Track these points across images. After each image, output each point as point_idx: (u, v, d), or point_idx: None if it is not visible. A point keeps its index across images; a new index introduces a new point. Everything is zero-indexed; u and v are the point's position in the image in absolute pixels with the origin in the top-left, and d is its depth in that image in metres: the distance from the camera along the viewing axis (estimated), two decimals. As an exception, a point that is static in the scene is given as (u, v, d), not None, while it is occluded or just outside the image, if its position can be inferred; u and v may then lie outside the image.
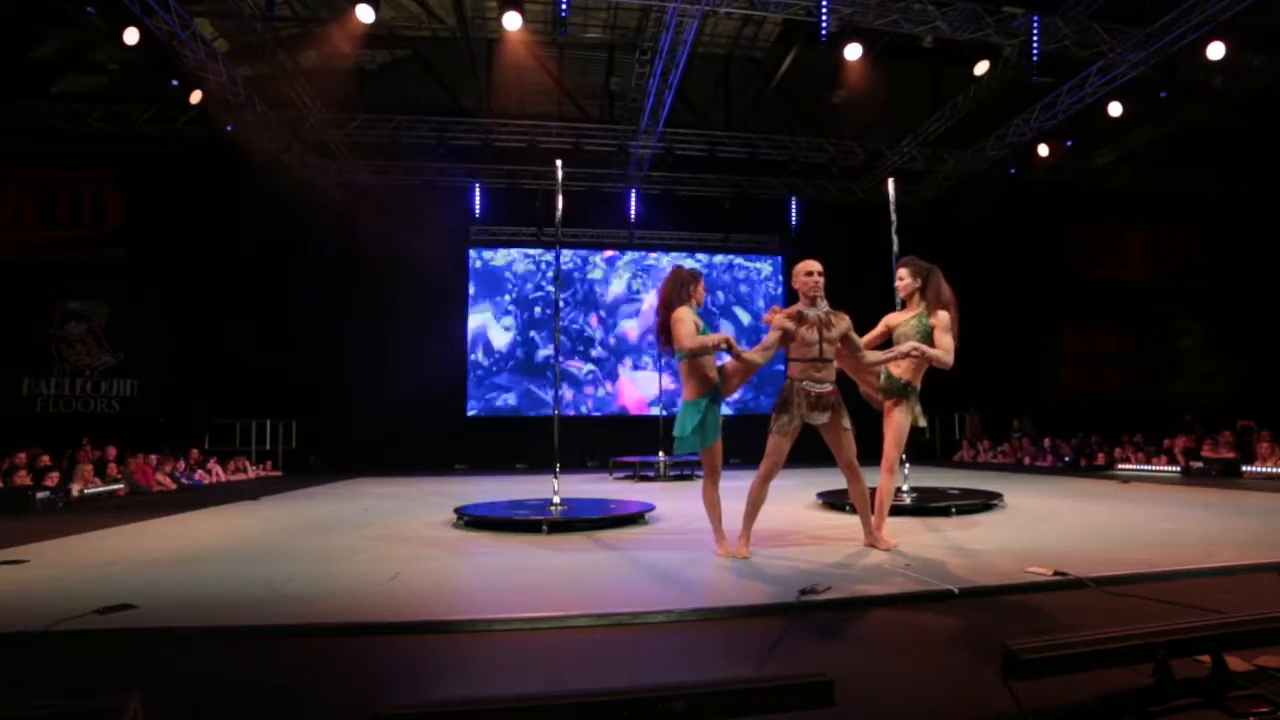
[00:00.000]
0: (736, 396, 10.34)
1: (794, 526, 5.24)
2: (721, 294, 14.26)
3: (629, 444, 11.68)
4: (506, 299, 13.71)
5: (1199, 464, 9.03)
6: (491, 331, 13.61)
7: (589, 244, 13.96)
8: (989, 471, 10.56)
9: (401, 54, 11.56)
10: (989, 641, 2.16)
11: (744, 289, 14.44)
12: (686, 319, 4.01)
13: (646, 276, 14.07)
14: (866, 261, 9.63)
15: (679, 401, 4.24)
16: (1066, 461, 10.97)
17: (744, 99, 12.50)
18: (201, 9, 9.26)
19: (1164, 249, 14.38)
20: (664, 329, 4.13)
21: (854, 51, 8.84)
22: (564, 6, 8.42)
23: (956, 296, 4.38)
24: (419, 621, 2.92)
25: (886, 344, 4.51)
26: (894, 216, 6.75)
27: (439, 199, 12.85)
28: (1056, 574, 3.45)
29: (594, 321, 13.93)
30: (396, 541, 4.91)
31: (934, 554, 4.11)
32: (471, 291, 13.62)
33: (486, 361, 13.52)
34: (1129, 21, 9.07)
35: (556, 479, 5.97)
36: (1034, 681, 1.84)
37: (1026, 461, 11.70)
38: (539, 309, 13.67)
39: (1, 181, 11.63)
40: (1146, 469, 9.62)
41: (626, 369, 13.94)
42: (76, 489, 7.85)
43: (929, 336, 4.26)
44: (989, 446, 12.96)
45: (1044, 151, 11.23)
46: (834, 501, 6.11)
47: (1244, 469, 8.55)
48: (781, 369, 4.32)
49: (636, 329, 13.92)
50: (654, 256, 14.20)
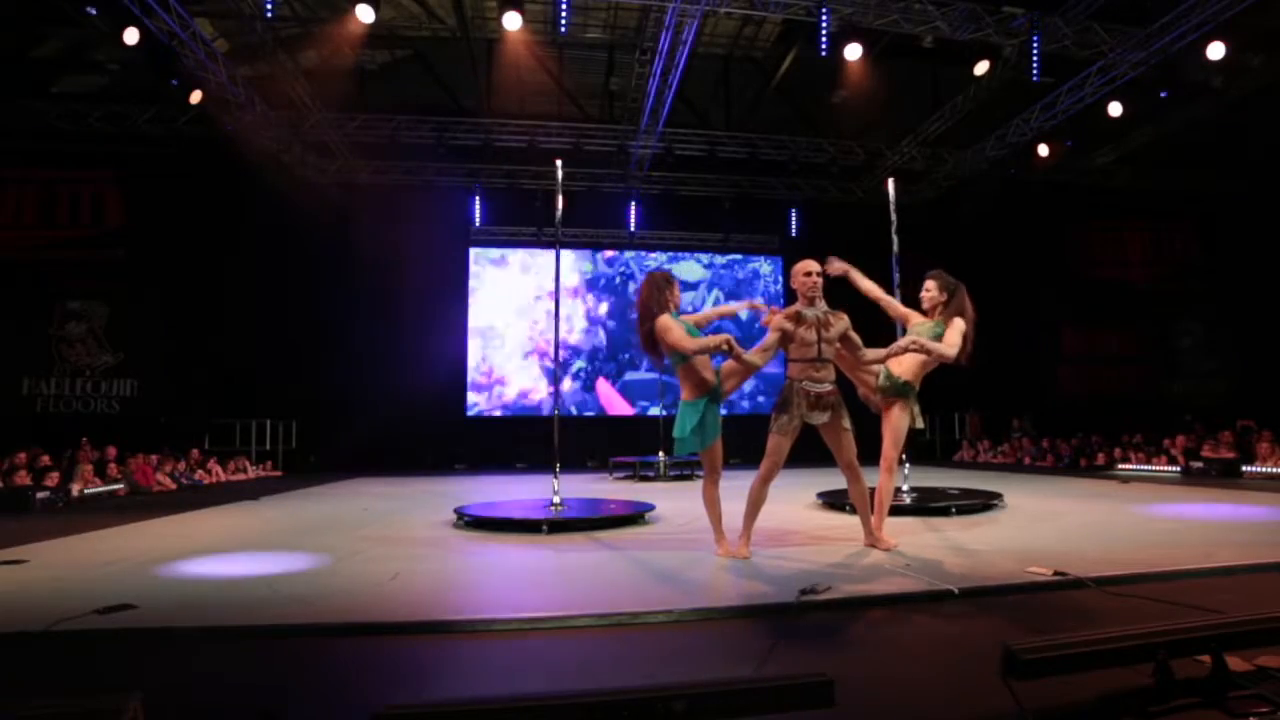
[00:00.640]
0: (736, 397, 10.32)
1: (794, 526, 5.23)
2: (721, 294, 14.25)
3: (629, 444, 11.68)
4: (506, 299, 13.70)
5: (1199, 464, 9.03)
6: (492, 331, 13.61)
7: (589, 244, 13.96)
8: (989, 471, 10.55)
9: (401, 54, 11.56)
10: (989, 641, 2.16)
11: (744, 289, 14.43)
12: (673, 326, 4.02)
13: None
14: (866, 262, 9.51)
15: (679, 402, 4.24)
16: (1066, 462, 10.98)
17: (744, 99, 12.50)
18: (201, 9, 9.25)
19: (1164, 249, 14.38)
20: (649, 338, 4.14)
21: (854, 51, 8.83)
22: (564, 7, 8.43)
23: (977, 315, 4.39)
24: (419, 622, 2.92)
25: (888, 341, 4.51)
26: (894, 216, 6.75)
27: (439, 199, 12.85)
28: (1056, 574, 3.45)
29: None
30: (396, 542, 4.91)
31: (934, 554, 4.11)
32: (471, 291, 13.62)
33: (487, 362, 13.52)
34: (1129, 21, 9.07)
35: (556, 479, 5.97)
36: (1034, 681, 1.84)
37: (1026, 461, 11.69)
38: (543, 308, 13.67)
39: (1, 181, 11.63)
40: (1146, 469, 9.62)
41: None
42: (76, 489, 7.84)
43: (940, 340, 4.26)
44: (989, 446, 12.96)
45: (1044, 151, 11.21)
46: (834, 501, 6.11)
47: (1244, 469, 8.55)
48: (780, 370, 4.32)
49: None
50: (654, 256, 14.20)
